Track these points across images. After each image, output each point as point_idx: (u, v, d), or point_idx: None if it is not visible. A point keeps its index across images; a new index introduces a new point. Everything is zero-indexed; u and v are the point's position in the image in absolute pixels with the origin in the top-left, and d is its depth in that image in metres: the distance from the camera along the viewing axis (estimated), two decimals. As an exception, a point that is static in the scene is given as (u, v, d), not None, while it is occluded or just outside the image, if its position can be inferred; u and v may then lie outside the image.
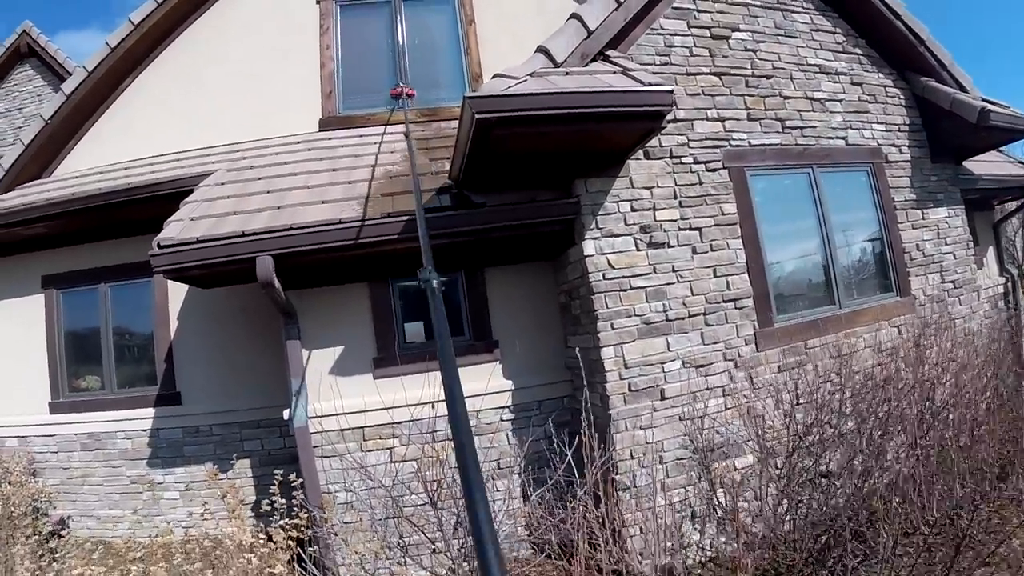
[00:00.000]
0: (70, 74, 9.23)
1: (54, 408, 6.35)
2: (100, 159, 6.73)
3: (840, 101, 5.69)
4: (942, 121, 6.09)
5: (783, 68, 5.42)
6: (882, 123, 5.93)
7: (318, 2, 6.82)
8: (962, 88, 6.14)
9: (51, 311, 6.47)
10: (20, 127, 9.37)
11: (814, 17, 5.76)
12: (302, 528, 4.11)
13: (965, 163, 6.90)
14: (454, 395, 1.30)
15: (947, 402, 4.44)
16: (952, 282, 6.10)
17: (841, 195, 5.57)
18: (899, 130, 6.05)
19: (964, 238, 6.33)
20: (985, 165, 7.43)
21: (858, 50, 5.97)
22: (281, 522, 4.07)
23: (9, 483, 5.71)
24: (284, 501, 4.22)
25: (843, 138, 5.63)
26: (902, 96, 6.15)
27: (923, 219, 6.06)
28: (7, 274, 6.60)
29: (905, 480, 4.10)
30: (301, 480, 4.45)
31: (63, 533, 5.83)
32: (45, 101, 9.39)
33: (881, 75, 6.06)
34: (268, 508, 4.28)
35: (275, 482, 4.39)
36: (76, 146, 7.01)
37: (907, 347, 5.06)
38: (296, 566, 4.02)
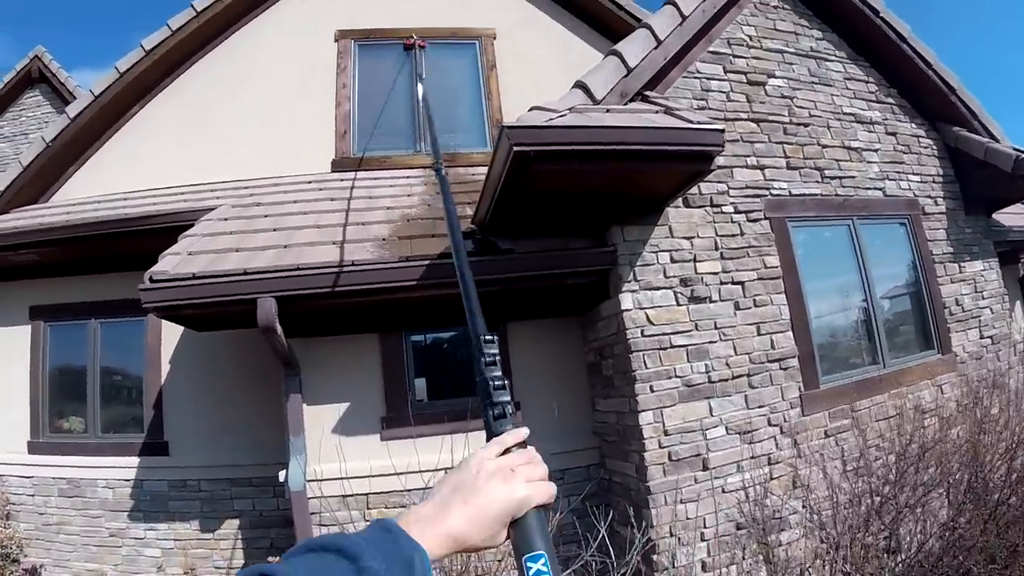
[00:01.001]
0: (77, 100, 8.70)
1: (33, 448, 5.60)
2: (101, 188, 6.11)
3: (876, 151, 5.19)
4: (975, 171, 5.60)
5: (820, 116, 4.92)
6: (917, 174, 5.43)
7: (336, 40, 6.34)
8: (993, 138, 5.69)
9: (37, 344, 5.76)
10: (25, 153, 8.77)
11: (847, 66, 5.30)
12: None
13: (994, 215, 6.40)
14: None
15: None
16: (990, 337, 5.54)
17: (881, 248, 5.02)
18: (934, 181, 5.55)
19: (1000, 291, 5.79)
20: (1013, 217, 6.95)
21: (891, 99, 5.50)
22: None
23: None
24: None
25: (881, 189, 5.10)
26: (935, 146, 5.67)
27: (960, 272, 5.52)
28: (-3, 302, 5.91)
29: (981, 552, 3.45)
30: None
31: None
32: (48, 127, 8.81)
33: (914, 125, 5.58)
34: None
35: (267, 546, 3.68)
36: (77, 172, 6.39)
37: (965, 407, 4.47)
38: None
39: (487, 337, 0.98)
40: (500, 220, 3.91)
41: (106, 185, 6.11)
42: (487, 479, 0.71)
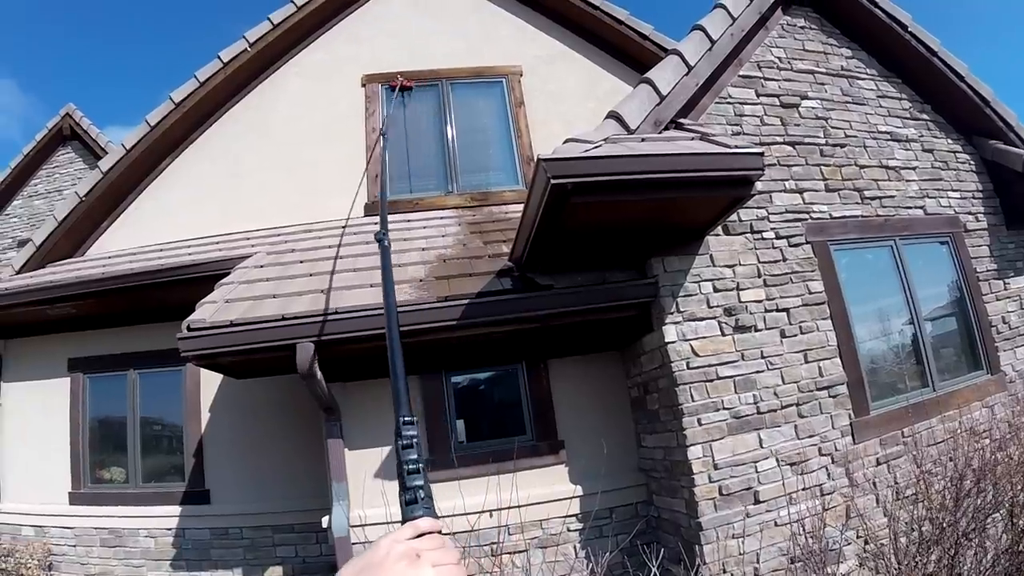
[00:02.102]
0: (109, 155, 9.03)
1: (74, 499, 5.72)
2: (135, 240, 6.33)
3: (914, 169, 5.15)
4: (1015, 184, 5.51)
5: (855, 136, 4.91)
6: (956, 190, 5.37)
7: (363, 85, 6.52)
8: (1031, 147, 5.62)
9: (76, 396, 5.91)
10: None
11: (879, 83, 5.30)
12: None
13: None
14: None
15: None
16: (1039, 356, 5.40)
17: (924, 268, 4.95)
18: (973, 196, 5.48)
19: (1047, 308, 5.65)
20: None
21: (925, 116, 5.48)
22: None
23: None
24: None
25: (921, 207, 5.06)
26: (972, 161, 5.62)
27: (1005, 289, 5.40)
28: (33, 355, 6.10)
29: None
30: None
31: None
32: (81, 182, 9.13)
33: (950, 140, 5.54)
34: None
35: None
36: (111, 226, 6.63)
37: (1002, 428, 4.36)
38: None
39: (406, 419, 1.00)
40: (538, 256, 3.95)
41: (140, 237, 6.32)
42: (394, 561, 0.71)
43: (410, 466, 0.91)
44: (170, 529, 5.33)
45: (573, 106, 6.39)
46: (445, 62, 6.68)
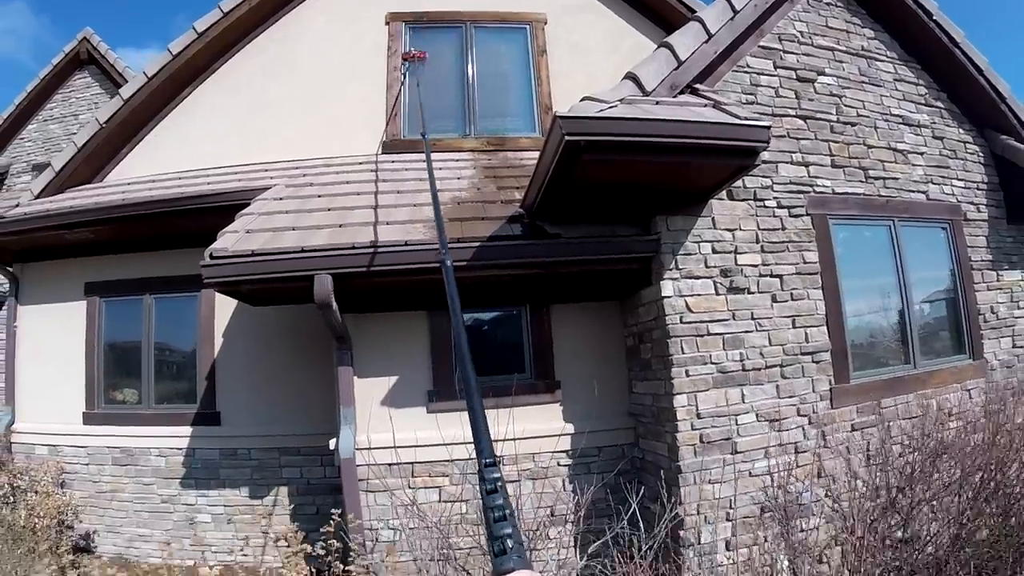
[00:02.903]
0: (128, 81, 9.30)
1: (88, 419, 6.15)
2: (154, 168, 6.65)
3: (922, 154, 5.47)
4: (1020, 181, 5.84)
5: (867, 116, 5.21)
6: (961, 180, 5.70)
7: (387, 23, 6.77)
8: (1042, 148, 5.91)
9: (92, 319, 6.30)
10: (75, 133, 9.32)
11: (897, 67, 5.57)
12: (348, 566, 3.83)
13: (1038, 225, 6.63)
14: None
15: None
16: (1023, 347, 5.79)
17: (919, 251, 5.31)
18: (977, 188, 5.81)
19: (1038, 303, 6.02)
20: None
21: (939, 104, 5.76)
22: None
23: (35, 492, 5.54)
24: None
25: (924, 192, 5.39)
26: (981, 153, 5.93)
27: (997, 281, 5.77)
28: (51, 279, 6.47)
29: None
30: (341, 513, 4.16)
31: (88, 548, 5.59)
32: (102, 108, 9.43)
33: (962, 130, 5.84)
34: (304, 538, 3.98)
35: (314, 512, 4.14)
36: (130, 153, 6.94)
37: (991, 411, 4.76)
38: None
39: (488, 461, 0.97)
40: (548, 205, 4.31)
41: (159, 165, 6.65)
42: None
43: (496, 513, 0.87)
44: (180, 449, 5.77)
45: (595, 60, 6.60)
46: (470, 4, 6.86)
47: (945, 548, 3.68)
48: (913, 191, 5.33)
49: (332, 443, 4.53)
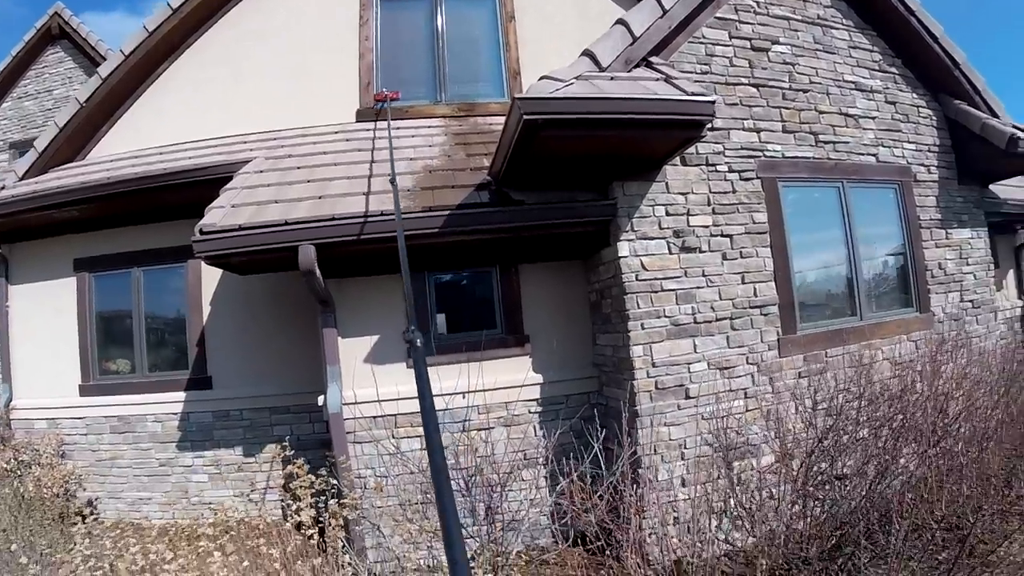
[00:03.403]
0: (102, 56, 9.59)
1: (84, 391, 6.61)
2: (135, 143, 6.99)
3: (873, 118, 5.96)
4: (971, 144, 6.34)
5: (820, 83, 5.69)
6: (913, 143, 6.20)
7: (358, -8, 7.11)
8: (993, 113, 6.40)
9: (83, 294, 6.72)
10: (50, 109, 9.71)
11: (853, 34, 6.02)
12: (336, 512, 4.37)
13: (992, 187, 7.17)
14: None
15: (959, 415, 4.69)
16: (971, 301, 6.37)
17: (868, 211, 5.84)
18: (929, 150, 6.32)
19: (986, 259, 6.60)
20: (1011, 190, 7.70)
21: (894, 69, 6.23)
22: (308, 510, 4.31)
23: (39, 465, 5.99)
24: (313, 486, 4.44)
25: (874, 155, 5.90)
26: (934, 117, 6.43)
27: (947, 239, 6.32)
28: (40, 257, 6.87)
29: (915, 484, 4.38)
30: (332, 464, 4.70)
31: (91, 515, 6.11)
32: (76, 83, 9.74)
33: (915, 95, 6.33)
34: (297, 494, 4.52)
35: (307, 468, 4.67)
36: (111, 130, 7.26)
37: (923, 361, 5.33)
38: (323, 548, 4.28)
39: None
40: (513, 174, 4.79)
41: (139, 141, 7.01)
42: None
43: None
44: (175, 414, 6.28)
45: (563, 25, 6.96)
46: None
47: (871, 480, 4.26)
48: (863, 154, 5.84)
49: (320, 400, 5.06)
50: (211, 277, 6.26)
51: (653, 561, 4.21)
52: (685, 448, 4.77)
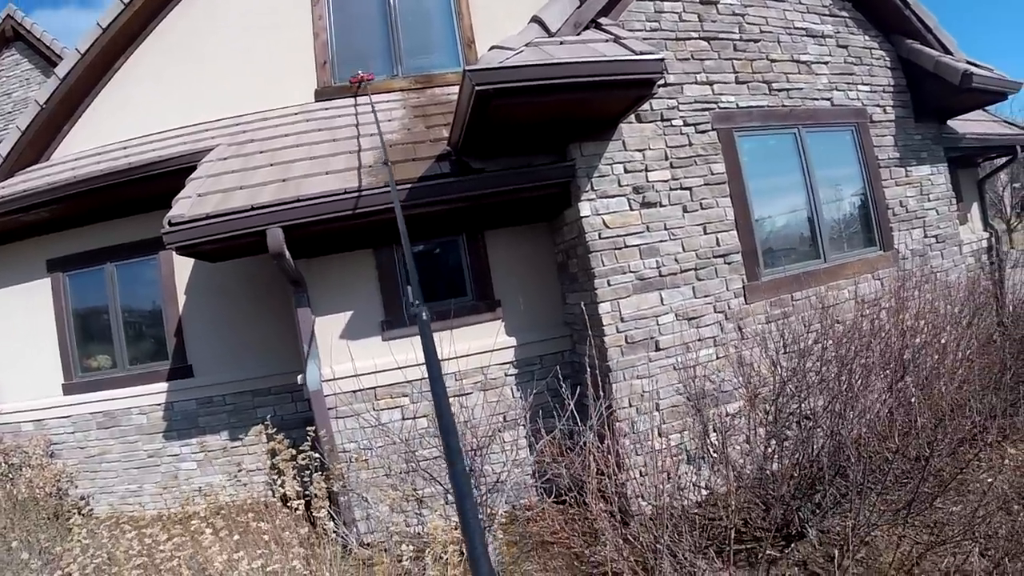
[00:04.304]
0: (59, 56, 9.46)
1: (67, 389, 6.67)
2: (98, 140, 6.95)
3: (826, 63, 6.02)
4: (926, 82, 6.41)
5: (770, 32, 5.73)
6: (867, 84, 6.27)
7: (309, -30, 7.03)
8: (947, 51, 6.47)
9: (58, 294, 6.74)
10: (10, 112, 9.59)
11: (801, -20, 6.06)
12: (320, 485, 4.48)
13: (950, 122, 7.27)
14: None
15: (923, 348, 4.82)
16: (935, 237, 6.49)
17: (826, 154, 5.92)
18: (884, 91, 6.40)
19: (947, 195, 6.71)
20: (970, 124, 7.81)
21: (844, 13, 6.27)
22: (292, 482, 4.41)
23: (30, 466, 6.05)
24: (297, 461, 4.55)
25: (828, 99, 5.97)
26: (887, 58, 6.48)
27: (906, 177, 6.43)
28: (11, 261, 6.86)
29: (879, 419, 4.52)
30: (315, 440, 4.79)
31: (86, 509, 6.19)
32: (34, 85, 9.62)
33: (867, 38, 6.38)
34: (282, 471, 4.62)
35: (289, 445, 4.77)
36: (73, 128, 7.20)
37: (888, 298, 5.46)
38: (311, 520, 4.40)
39: None
40: (472, 143, 4.83)
41: (103, 136, 6.96)
42: None
43: None
44: (159, 404, 6.35)
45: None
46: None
47: (850, 419, 4.38)
48: (817, 99, 5.91)
49: (300, 379, 5.14)
50: (184, 267, 6.29)
51: (634, 512, 4.34)
52: (659, 399, 4.90)
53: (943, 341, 5.07)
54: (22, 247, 6.82)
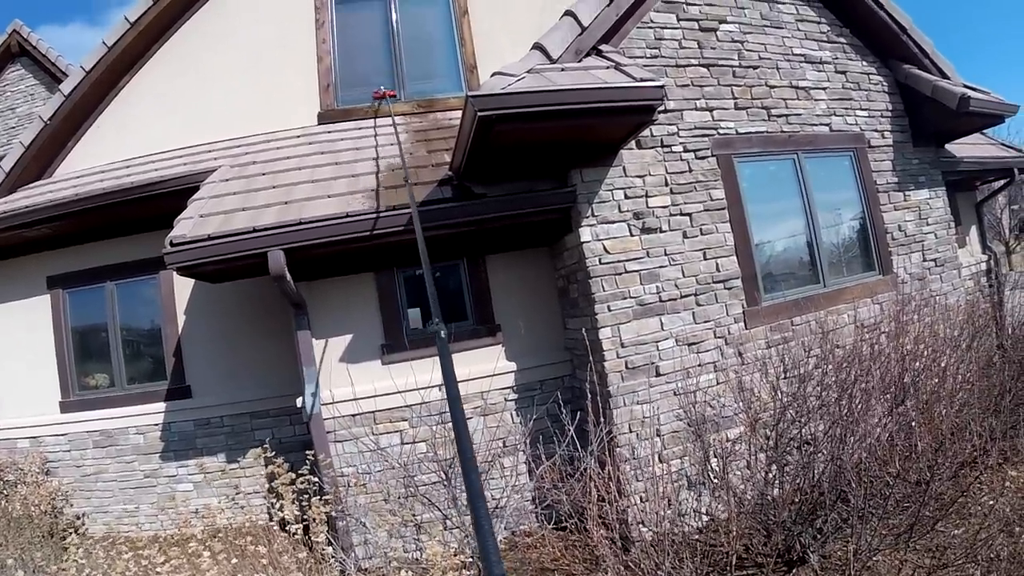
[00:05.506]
0: (64, 72, 9.49)
1: (65, 407, 6.61)
2: (101, 158, 6.96)
3: (824, 89, 6.04)
4: (924, 107, 6.44)
5: (769, 58, 5.76)
6: (865, 109, 6.29)
7: (313, -6, 7.09)
8: (944, 75, 6.49)
9: (58, 311, 6.71)
10: (14, 127, 9.62)
11: (799, 8, 6.09)
12: (319, 509, 4.43)
13: (947, 146, 7.29)
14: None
15: (923, 372, 4.80)
16: (934, 260, 6.49)
17: (825, 179, 5.93)
18: (882, 116, 6.42)
19: (945, 218, 6.71)
20: (968, 148, 7.83)
21: (842, 39, 6.30)
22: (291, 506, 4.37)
23: (25, 483, 5.98)
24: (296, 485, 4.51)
25: (827, 124, 5.99)
26: (885, 83, 6.52)
27: (905, 201, 6.43)
28: (12, 276, 6.83)
29: (880, 444, 4.49)
30: (314, 464, 4.75)
31: (81, 529, 6.13)
32: (38, 100, 9.64)
33: (865, 63, 6.41)
34: (281, 495, 4.58)
35: (287, 469, 4.73)
36: (76, 146, 7.21)
37: (888, 322, 5.44)
38: (308, 545, 4.35)
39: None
40: (474, 167, 4.83)
41: (106, 154, 6.97)
42: None
43: None
44: (157, 424, 6.29)
45: (516, 15, 7.00)
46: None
47: (851, 444, 4.35)
48: (816, 124, 5.92)
49: (299, 401, 5.10)
50: (184, 287, 6.27)
51: (635, 538, 4.30)
52: (660, 425, 4.87)
53: (943, 364, 5.05)
54: (23, 263, 6.80)
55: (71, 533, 5.84)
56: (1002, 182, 9.34)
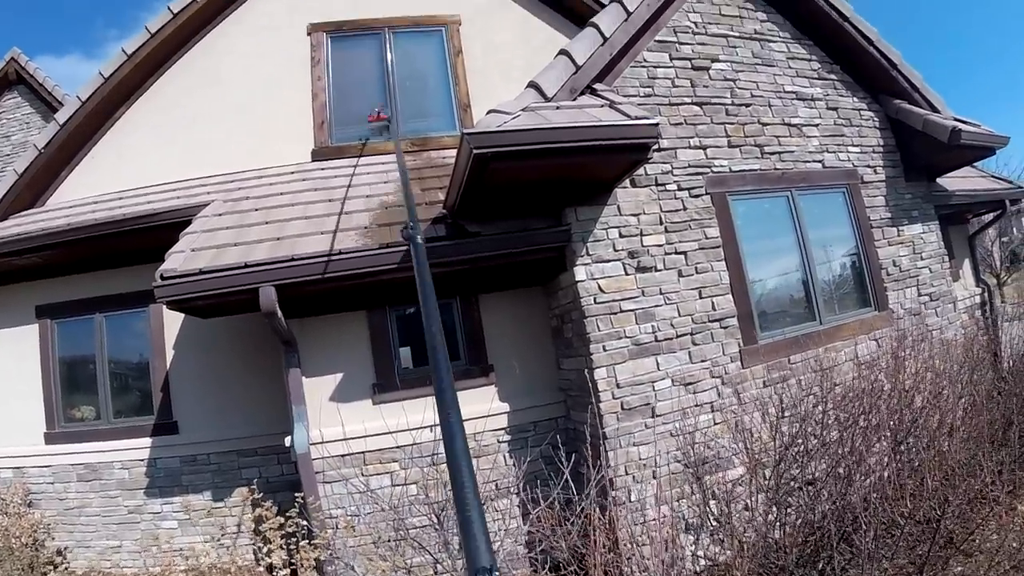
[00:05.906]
0: (60, 101, 9.47)
1: (49, 439, 6.45)
2: (94, 188, 6.89)
3: (816, 126, 6.04)
4: (915, 141, 6.44)
5: (761, 96, 5.75)
6: (857, 145, 6.29)
7: (309, 34, 7.11)
8: (934, 109, 6.51)
9: (45, 341, 6.58)
10: (8, 155, 9.56)
11: (790, 46, 6.11)
12: (307, 553, 4.30)
13: (939, 180, 7.28)
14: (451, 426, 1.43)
15: (923, 408, 4.71)
16: (929, 295, 6.44)
17: (819, 216, 5.89)
18: (874, 151, 6.41)
19: (939, 252, 6.68)
20: (959, 181, 7.82)
21: (833, 76, 6.32)
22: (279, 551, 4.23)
23: (6, 514, 5.84)
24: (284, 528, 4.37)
25: (820, 161, 5.97)
26: (876, 118, 6.52)
27: (898, 236, 6.40)
28: (0, 305, 6.71)
29: (884, 482, 4.39)
30: (303, 507, 4.61)
31: (62, 564, 5.94)
32: (34, 128, 9.60)
33: (856, 99, 6.42)
34: (268, 537, 4.44)
35: (275, 510, 4.59)
36: (70, 175, 7.17)
37: (886, 358, 5.36)
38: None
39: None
40: (467, 206, 4.77)
41: (98, 186, 6.90)
42: None
43: None
44: (142, 460, 6.13)
45: (509, 55, 7.07)
46: (387, 11, 7.26)
47: (855, 483, 4.25)
48: (809, 161, 5.90)
49: (287, 440, 4.96)
50: (174, 321, 6.16)
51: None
52: (656, 466, 4.74)
53: (944, 399, 4.97)
54: (12, 291, 6.69)
55: (51, 568, 5.67)
56: (993, 215, 9.36)
